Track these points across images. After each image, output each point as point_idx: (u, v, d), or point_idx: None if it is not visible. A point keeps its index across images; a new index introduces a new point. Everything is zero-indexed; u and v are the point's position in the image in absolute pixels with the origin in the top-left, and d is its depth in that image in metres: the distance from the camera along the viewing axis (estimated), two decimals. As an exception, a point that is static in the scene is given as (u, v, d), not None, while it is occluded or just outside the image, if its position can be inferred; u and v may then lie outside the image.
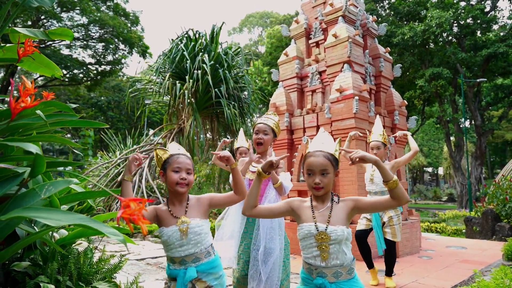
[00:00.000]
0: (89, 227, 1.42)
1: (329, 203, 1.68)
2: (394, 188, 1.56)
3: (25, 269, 2.06)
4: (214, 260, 1.81)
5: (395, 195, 1.57)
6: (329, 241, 1.58)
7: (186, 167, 1.81)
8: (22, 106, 1.27)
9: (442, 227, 9.42)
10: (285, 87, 6.54)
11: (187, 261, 1.74)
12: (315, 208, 1.69)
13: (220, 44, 11.32)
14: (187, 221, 1.76)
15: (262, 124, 2.88)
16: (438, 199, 28.48)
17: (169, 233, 1.74)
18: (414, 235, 5.67)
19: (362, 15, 6.50)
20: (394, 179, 1.56)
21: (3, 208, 1.45)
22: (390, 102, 6.31)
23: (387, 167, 3.93)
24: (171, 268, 1.78)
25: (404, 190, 1.61)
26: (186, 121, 10.36)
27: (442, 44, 18.58)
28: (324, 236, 1.58)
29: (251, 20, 37.74)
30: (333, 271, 1.57)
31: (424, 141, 33.57)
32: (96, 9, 20.01)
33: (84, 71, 21.95)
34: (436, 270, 4.56)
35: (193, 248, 1.75)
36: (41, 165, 1.21)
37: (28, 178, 1.31)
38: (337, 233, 1.58)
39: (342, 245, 1.59)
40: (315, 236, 1.60)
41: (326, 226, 1.60)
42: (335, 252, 1.58)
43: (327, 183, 1.63)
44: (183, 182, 1.79)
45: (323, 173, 1.63)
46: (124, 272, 4.23)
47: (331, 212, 1.64)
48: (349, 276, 1.59)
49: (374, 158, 1.59)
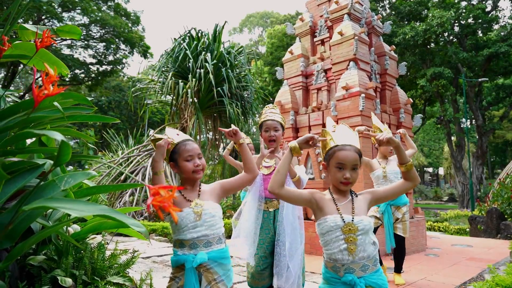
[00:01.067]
0: (112, 218, 1.41)
1: (349, 196, 1.67)
2: (411, 169, 1.68)
3: (40, 263, 2.05)
4: (225, 250, 1.76)
5: (411, 176, 1.68)
6: (356, 232, 1.56)
7: (197, 152, 1.79)
8: (45, 94, 1.26)
9: (445, 226, 9.40)
10: (290, 85, 6.53)
11: (198, 244, 1.68)
12: (337, 201, 1.66)
13: (222, 44, 11.32)
14: (202, 203, 1.74)
15: (271, 121, 2.85)
16: (439, 199, 28.50)
17: (183, 215, 1.70)
18: (420, 233, 5.66)
19: (367, 13, 6.49)
20: (410, 161, 1.69)
21: (24, 200, 1.43)
22: (396, 100, 6.30)
23: (393, 162, 3.90)
24: (179, 254, 1.70)
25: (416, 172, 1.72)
26: (188, 120, 10.35)
27: (444, 44, 18.61)
28: (352, 227, 1.56)
29: (252, 20, 37.75)
30: (360, 264, 1.55)
31: (424, 141, 33.59)
32: (97, 9, 19.99)
33: (85, 71, 21.93)
34: (444, 267, 4.55)
35: (206, 230, 1.71)
36: (67, 153, 1.19)
37: (52, 168, 1.29)
38: (363, 223, 1.57)
39: (369, 235, 1.58)
40: (342, 228, 1.57)
41: (352, 217, 1.59)
42: (362, 243, 1.56)
43: (356, 178, 1.63)
44: (198, 169, 1.77)
45: (354, 168, 1.61)
46: (132, 270, 4.21)
47: (353, 204, 1.63)
48: (375, 267, 1.58)
49: (397, 141, 1.70)
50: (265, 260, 2.72)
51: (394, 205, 3.88)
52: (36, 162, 1.53)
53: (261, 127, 2.88)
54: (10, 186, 1.46)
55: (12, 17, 2.39)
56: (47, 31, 1.88)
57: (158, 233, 7.20)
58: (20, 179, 1.52)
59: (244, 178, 1.88)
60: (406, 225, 3.87)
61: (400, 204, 3.87)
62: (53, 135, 1.19)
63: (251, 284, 2.82)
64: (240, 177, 1.89)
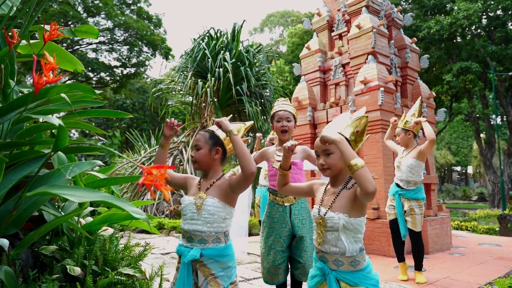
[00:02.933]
0: (112, 204, 1.42)
1: (340, 187, 1.60)
2: (352, 172, 1.40)
3: (53, 253, 2.09)
4: (223, 248, 1.70)
5: (356, 179, 1.40)
6: (325, 227, 1.54)
7: (194, 143, 1.83)
8: (44, 81, 1.27)
9: (473, 226, 9.01)
10: (307, 81, 6.45)
11: (194, 239, 1.69)
12: (327, 192, 1.65)
13: (241, 42, 11.34)
14: (203, 197, 1.73)
15: (283, 111, 2.81)
16: (468, 199, 27.45)
17: (186, 202, 1.76)
18: (444, 231, 5.45)
19: (387, 5, 6.32)
20: (351, 162, 1.39)
21: (28, 187, 1.46)
22: (417, 94, 6.10)
23: (413, 153, 3.77)
24: (180, 243, 1.77)
25: (368, 178, 1.37)
26: (208, 119, 10.42)
27: (471, 37, 17.91)
28: (322, 221, 1.55)
29: (272, 19, 37.68)
30: (333, 258, 1.52)
31: (452, 139, 32.46)
32: (121, 13, 20.51)
33: (110, 74, 22.53)
34: (469, 266, 4.35)
35: (202, 226, 1.68)
36: (64, 138, 1.20)
37: (52, 153, 1.31)
38: (333, 220, 1.51)
39: (341, 234, 1.50)
40: (316, 219, 1.59)
41: (326, 211, 1.56)
42: (333, 239, 1.52)
43: (332, 163, 1.57)
44: (193, 160, 1.82)
45: (326, 153, 1.58)
46: (148, 265, 4.27)
47: (336, 197, 1.58)
48: (352, 268, 1.50)
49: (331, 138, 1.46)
50: (283, 254, 2.69)
51: (402, 195, 3.78)
52: (41, 151, 1.56)
53: (273, 118, 2.84)
54: (15, 174, 1.49)
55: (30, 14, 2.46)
56: (55, 24, 1.91)
57: (178, 230, 7.28)
58: (25, 167, 1.55)
59: (241, 178, 1.67)
60: (416, 219, 3.73)
61: (408, 197, 3.75)
62: (51, 120, 1.21)
63: (266, 280, 2.79)
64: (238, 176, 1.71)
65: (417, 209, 3.77)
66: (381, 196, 5.09)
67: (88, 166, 1.66)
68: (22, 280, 1.88)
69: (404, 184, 3.81)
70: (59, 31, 3.00)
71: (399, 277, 3.84)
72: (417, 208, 3.77)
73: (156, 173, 1.01)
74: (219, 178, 1.81)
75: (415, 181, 3.79)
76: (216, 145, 1.81)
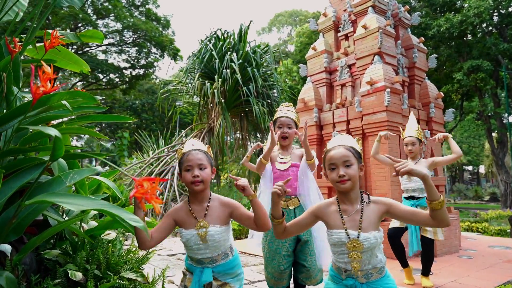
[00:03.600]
0: (109, 212, 1.43)
1: (358, 205, 1.54)
2: (438, 210, 1.38)
3: (56, 257, 2.12)
4: (231, 261, 1.73)
5: (438, 217, 1.40)
6: (361, 250, 1.47)
7: (197, 162, 1.66)
8: (42, 91, 1.29)
9: (484, 227, 8.85)
10: (313, 82, 6.42)
11: (204, 262, 1.69)
12: (344, 212, 1.55)
13: (248, 43, 11.34)
14: (206, 226, 1.65)
15: (285, 118, 2.85)
16: (480, 199, 27.03)
17: (188, 236, 1.66)
18: (453, 233, 5.37)
19: (394, 5, 6.26)
20: (440, 199, 1.37)
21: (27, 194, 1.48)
22: (425, 94, 6.03)
23: (423, 164, 3.69)
24: (189, 263, 1.76)
25: (447, 214, 1.41)
26: (215, 121, 10.47)
27: (482, 35, 17.63)
28: (357, 244, 1.47)
29: (280, 19, 37.61)
30: (364, 273, 1.50)
31: (463, 138, 31.99)
32: (130, 15, 20.71)
33: (119, 75, 22.77)
34: (478, 270, 4.29)
35: (210, 253, 1.68)
36: (60, 148, 1.22)
37: (50, 162, 1.33)
38: (370, 241, 1.47)
39: (375, 251, 1.50)
40: (347, 244, 1.49)
41: (358, 233, 1.48)
42: (367, 258, 1.49)
43: (353, 174, 1.51)
44: (197, 180, 1.64)
45: (346, 164, 1.52)
46: (155, 266, 4.30)
47: (361, 216, 1.51)
48: (380, 275, 1.51)
49: (422, 173, 1.40)
50: (288, 259, 2.70)
51: (420, 205, 3.69)
52: (42, 159, 1.58)
53: (275, 123, 2.88)
54: (16, 181, 1.52)
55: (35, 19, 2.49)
56: (55, 32, 1.93)
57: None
58: (26, 175, 1.57)
59: (253, 227, 1.69)
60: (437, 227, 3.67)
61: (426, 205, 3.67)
62: (46, 130, 1.22)
63: (271, 285, 2.80)
64: (250, 222, 1.69)
65: None
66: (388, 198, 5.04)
67: (88, 173, 1.68)
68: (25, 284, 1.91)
69: (419, 192, 3.76)
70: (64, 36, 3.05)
71: (405, 280, 3.79)
72: None
73: (147, 186, 1.01)
74: (209, 199, 1.73)
75: None
76: (212, 165, 1.76)
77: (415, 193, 3.77)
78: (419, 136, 3.79)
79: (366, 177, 5.49)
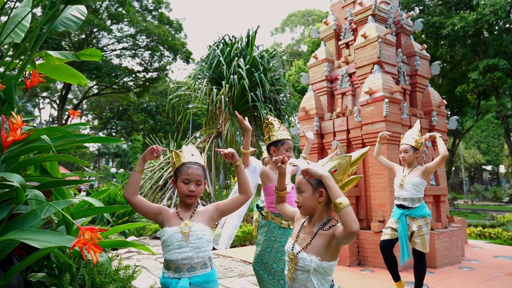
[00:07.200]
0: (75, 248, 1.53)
1: (316, 228, 1.59)
2: (337, 212, 1.40)
3: (43, 279, 2.25)
4: (209, 274, 1.76)
5: (340, 218, 1.40)
6: (296, 265, 1.56)
7: (196, 178, 1.79)
8: (11, 140, 1.39)
9: (497, 233, 8.60)
10: (314, 91, 6.44)
11: (182, 268, 1.69)
12: (304, 229, 1.65)
13: (256, 47, 11.40)
14: (190, 224, 1.74)
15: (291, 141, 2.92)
16: (499, 200, 26.30)
17: (171, 233, 1.72)
18: (454, 244, 5.31)
19: (395, 12, 6.21)
20: (336, 202, 1.40)
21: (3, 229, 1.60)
22: (428, 102, 5.96)
23: (417, 172, 3.69)
24: (165, 276, 1.74)
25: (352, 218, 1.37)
26: (223, 126, 10.58)
27: (498, 33, 17.17)
28: (293, 258, 1.58)
29: (293, 19, 37.49)
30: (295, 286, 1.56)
31: (482, 138, 31.18)
32: (143, 19, 21.07)
33: (133, 79, 23.20)
34: (476, 283, 4.24)
35: (191, 252, 1.70)
36: (21, 196, 1.32)
37: (14, 206, 1.44)
38: (305, 261, 1.53)
39: (311, 275, 1.52)
40: (288, 255, 1.62)
41: (299, 250, 1.57)
42: (303, 279, 1.53)
43: (302, 202, 1.59)
44: (192, 195, 1.77)
45: (299, 191, 1.61)
46: (151, 274, 4.42)
47: (312, 238, 1.57)
48: None
49: (318, 173, 1.46)
50: None
51: (409, 215, 3.68)
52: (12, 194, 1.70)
53: (280, 143, 2.86)
54: (-3, 216, 1.64)
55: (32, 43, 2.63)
56: (35, 71, 2.04)
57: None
58: (5, 208, 1.69)
59: (239, 200, 1.89)
60: (425, 239, 3.65)
61: (416, 216, 3.66)
62: (10, 177, 1.32)
63: None
64: (234, 198, 1.90)
65: (425, 228, 3.67)
66: (386, 209, 5.03)
67: (64, 205, 1.79)
68: (13, 305, 2.04)
69: (409, 202, 3.72)
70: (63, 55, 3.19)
71: (397, 294, 3.79)
72: (425, 227, 3.67)
73: (89, 236, 1.10)
74: (196, 206, 1.87)
75: (419, 197, 3.72)
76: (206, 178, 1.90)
77: (405, 202, 3.73)
78: (415, 144, 3.77)
79: (365, 187, 5.49)
